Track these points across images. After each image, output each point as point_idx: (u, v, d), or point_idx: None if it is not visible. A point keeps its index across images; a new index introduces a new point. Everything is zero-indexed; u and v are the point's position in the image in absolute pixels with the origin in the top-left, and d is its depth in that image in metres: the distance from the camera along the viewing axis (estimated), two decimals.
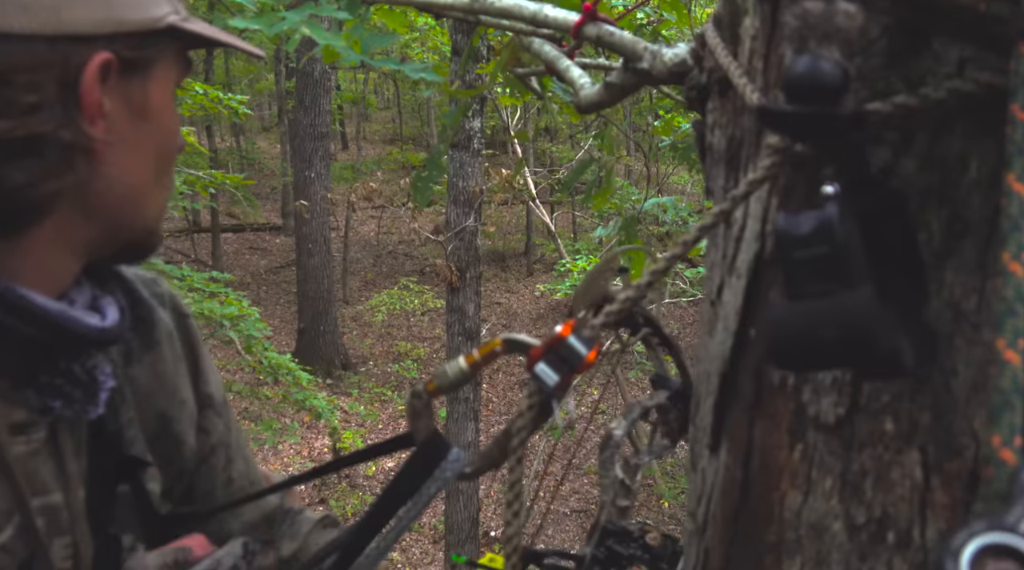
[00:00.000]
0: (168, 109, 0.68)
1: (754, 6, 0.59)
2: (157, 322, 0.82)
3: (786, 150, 0.52)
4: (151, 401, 0.80)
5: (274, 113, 18.52)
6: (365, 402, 9.17)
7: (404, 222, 14.66)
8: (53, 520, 0.66)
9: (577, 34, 0.77)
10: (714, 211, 0.55)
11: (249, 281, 11.99)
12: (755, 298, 0.57)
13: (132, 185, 0.66)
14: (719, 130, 0.66)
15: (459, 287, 6.23)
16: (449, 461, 0.69)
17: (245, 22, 1.45)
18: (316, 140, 9.35)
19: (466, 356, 0.66)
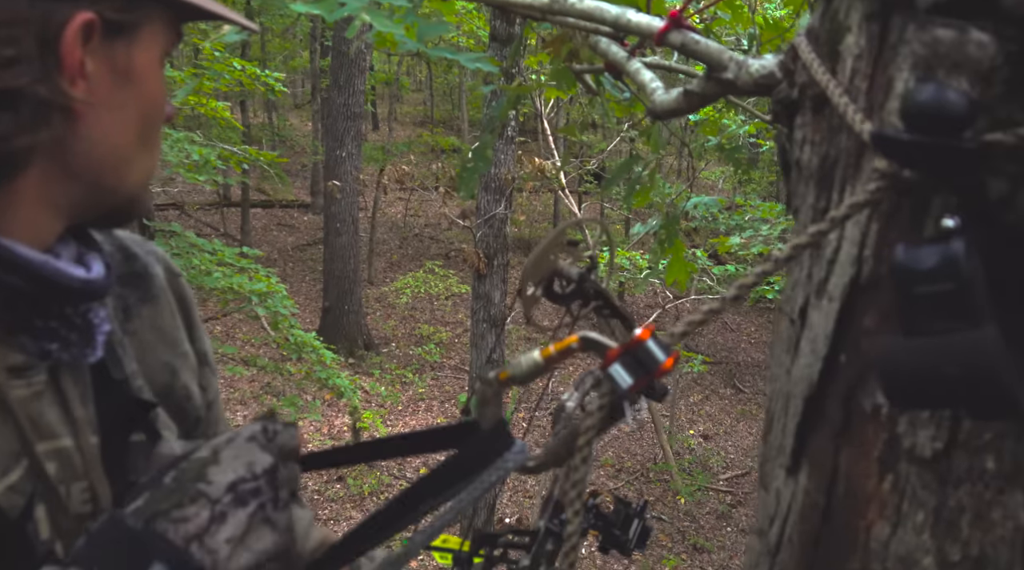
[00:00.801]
0: (153, 75, 0.68)
1: (860, 25, 0.57)
2: (153, 277, 0.82)
3: (894, 175, 0.51)
4: (155, 353, 0.80)
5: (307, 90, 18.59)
6: (386, 383, 9.23)
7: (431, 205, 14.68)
8: (66, 464, 0.66)
9: (661, 41, 0.76)
10: (811, 231, 0.54)
11: (276, 257, 12.08)
12: (848, 323, 0.56)
13: (114, 147, 0.65)
14: (810, 147, 0.64)
15: (486, 274, 6.23)
16: (513, 452, 0.67)
17: (305, 7, 1.45)
18: (349, 120, 9.37)
19: (541, 349, 0.66)
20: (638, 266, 7.99)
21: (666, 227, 2.30)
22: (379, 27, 1.42)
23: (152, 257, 0.84)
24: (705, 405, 9.92)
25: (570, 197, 7.97)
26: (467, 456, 0.67)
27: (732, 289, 0.56)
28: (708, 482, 8.39)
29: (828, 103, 0.61)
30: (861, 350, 0.55)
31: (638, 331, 0.58)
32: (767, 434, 0.69)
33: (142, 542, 0.58)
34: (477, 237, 6.28)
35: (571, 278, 0.84)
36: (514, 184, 6.45)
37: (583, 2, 0.81)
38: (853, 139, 0.57)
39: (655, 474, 8.52)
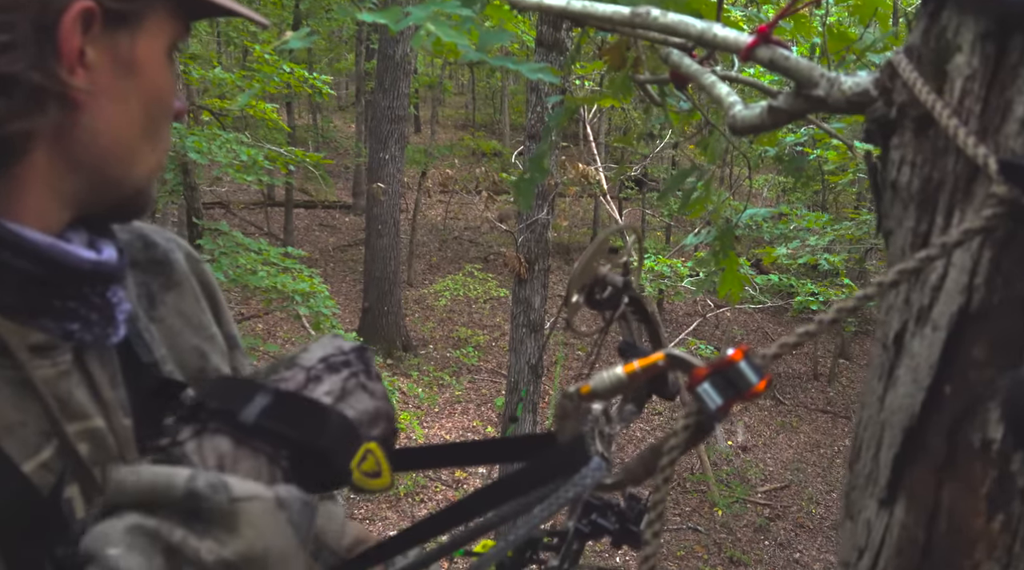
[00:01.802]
0: (158, 67, 0.67)
1: (972, 44, 0.56)
2: (174, 263, 0.83)
3: (1013, 202, 0.49)
4: (183, 338, 0.80)
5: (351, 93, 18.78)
6: (424, 385, 9.27)
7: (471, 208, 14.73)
8: (99, 445, 0.66)
9: (748, 56, 0.74)
10: (919, 256, 0.53)
11: (317, 257, 12.22)
12: (954, 354, 0.54)
13: (117, 138, 0.65)
14: (909, 168, 0.62)
15: (527, 279, 6.22)
16: (591, 468, 0.66)
17: (372, 16, 1.46)
18: (393, 122, 9.44)
19: (624, 365, 0.65)
20: (679, 274, 7.91)
21: (721, 239, 2.26)
22: (444, 37, 1.43)
23: (172, 244, 0.84)
24: (744, 416, 9.79)
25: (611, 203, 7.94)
26: (542, 469, 0.66)
27: (831, 312, 0.55)
28: (746, 494, 8.27)
29: (933, 124, 0.59)
30: (969, 382, 0.53)
31: (730, 351, 0.56)
32: (854, 462, 0.67)
33: (244, 386, 0.61)
34: (519, 242, 6.27)
35: (616, 285, 0.86)
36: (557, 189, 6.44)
37: (666, 16, 0.79)
38: (963, 162, 0.55)
39: (692, 484, 8.43)
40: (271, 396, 0.60)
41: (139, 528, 0.53)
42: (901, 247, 0.63)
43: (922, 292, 0.58)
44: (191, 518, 0.53)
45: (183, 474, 0.54)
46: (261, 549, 0.54)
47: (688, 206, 2.17)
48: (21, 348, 0.61)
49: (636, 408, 0.84)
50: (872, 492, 0.62)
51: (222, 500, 0.54)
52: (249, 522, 0.54)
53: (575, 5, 0.85)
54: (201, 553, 0.52)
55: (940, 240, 0.52)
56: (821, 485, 8.71)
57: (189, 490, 0.54)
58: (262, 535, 0.54)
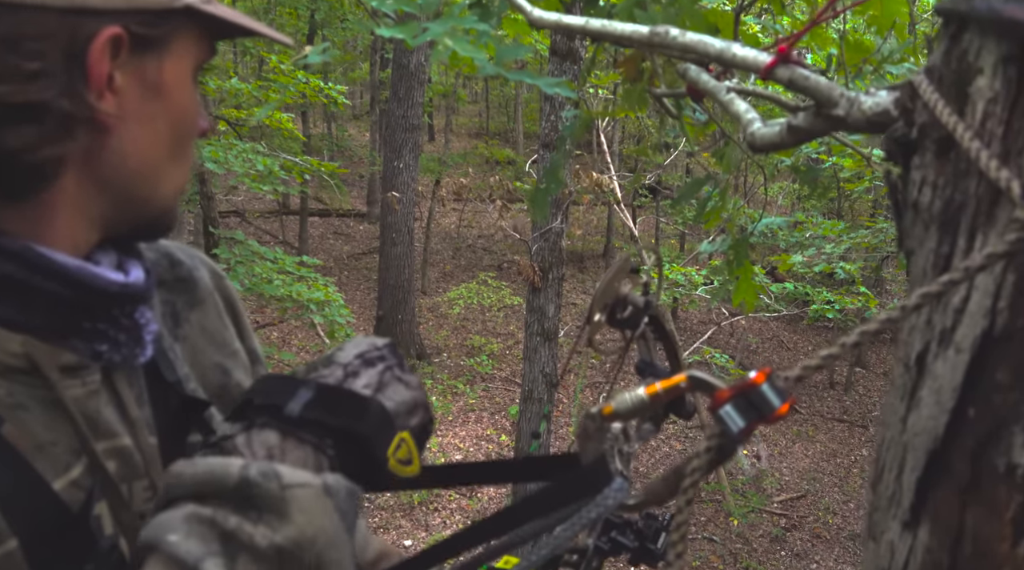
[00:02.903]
0: (184, 89, 0.68)
1: (994, 67, 0.56)
2: (198, 280, 0.84)
3: None
4: (206, 355, 0.82)
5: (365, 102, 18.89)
6: (438, 393, 9.28)
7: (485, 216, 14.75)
8: (126, 463, 0.67)
9: (768, 75, 0.75)
10: (943, 280, 0.53)
11: (331, 265, 12.28)
12: (978, 377, 0.54)
13: (145, 160, 0.66)
14: (930, 189, 0.62)
15: (541, 288, 6.22)
16: (613, 489, 0.67)
17: (389, 32, 1.47)
18: (407, 131, 9.49)
19: (647, 386, 0.65)
20: (693, 282, 7.89)
21: (736, 248, 2.26)
22: (462, 52, 1.44)
23: (196, 261, 0.86)
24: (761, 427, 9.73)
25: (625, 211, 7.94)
26: (565, 489, 0.67)
27: (854, 335, 0.55)
28: (762, 504, 8.22)
29: (955, 146, 0.59)
30: (993, 406, 0.53)
31: (752, 374, 0.56)
32: (876, 482, 0.67)
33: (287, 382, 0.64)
34: (533, 250, 6.27)
35: (638, 305, 0.87)
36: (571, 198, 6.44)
37: (686, 35, 0.80)
38: (986, 185, 0.55)
39: (707, 494, 8.38)
40: (313, 390, 0.63)
41: (196, 516, 0.55)
42: (923, 267, 0.63)
43: (944, 314, 0.58)
44: (245, 506, 0.56)
45: (236, 463, 0.58)
46: (311, 534, 0.56)
47: (704, 216, 2.17)
48: (52, 368, 0.62)
49: (654, 426, 0.84)
50: (895, 514, 0.62)
51: (273, 487, 0.56)
52: (300, 508, 0.57)
53: (594, 24, 0.86)
54: (255, 538, 0.55)
55: (963, 264, 0.52)
56: (838, 495, 8.64)
57: (242, 478, 0.56)
58: (312, 521, 0.57)
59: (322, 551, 0.57)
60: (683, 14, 1.46)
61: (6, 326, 0.61)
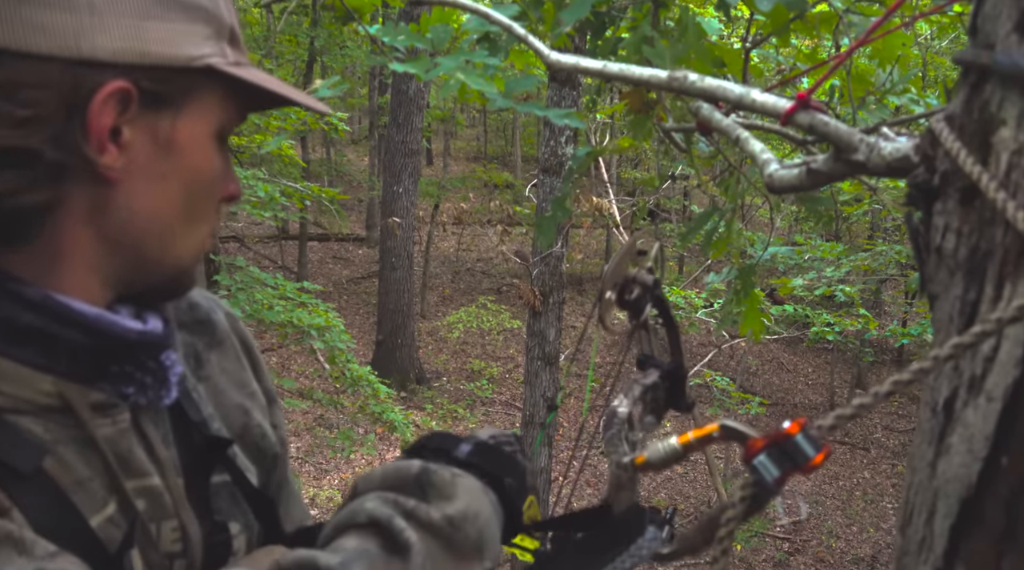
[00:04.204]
0: (201, 149, 0.67)
1: (1018, 119, 0.57)
2: (216, 323, 0.84)
3: None
4: (228, 396, 0.82)
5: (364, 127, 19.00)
6: (438, 418, 9.24)
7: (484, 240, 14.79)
8: (156, 503, 0.67)
9: (788, 121, 0.76)
10: (975, 331, 0.53)
11: (331, 290, 12.28)
12: (1010, 426, 0.54)
13: (155, 219, 0.66)
14: (955, 236, 0.63)
15: (542, 312, 6.22)
16: (647, 538, 0.68)
17: (402, 67, 1.49)
18: (406, 156, 9.54)
19: (679, 436, 0.66)
20: (693, 305, 7.89)
21: (742, 277, 2.27)
22: (473, 86, 1.46)
23: (212, 303, 0.86)
24: None
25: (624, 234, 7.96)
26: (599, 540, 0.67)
27: (886, 385, 0.55)
28: (764, 528, 8.16)
29: (979, 195, 0.60)
30: None
31: (787, 424, 0.57)
32: (906, 526, 0.67)
33: (450, 436, 0.76)
34: (533, 275, 6.29)
35: (645, 284, 0.90)
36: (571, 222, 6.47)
37: (704, 80, 0.81)
38: (1012, 235, 0.56)
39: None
40: (473, 444, 0.75)
41: (382, 497, 0.67)
42: (948, 313, 0.64)
43: (974, 361, 0.58)
44: (421, 493, 0.68)
45: (417, 462, 0.70)
46: (476, 508, 0.68)
47: (711, 246, 2.18)
48: (83, 407, 0.63)
49: (655, 419, 0.86)
50: (927, 559, 0.62)
51: (446, 475, 0.69)
52: (465, 489, 0.69)
53: (612, 68, 0.87)
54: (431, 513, 0.66)
55: (995, 315, 0.52)
56: (840, 518, 8.58)
57: (422, 468, 0.69)
58: (475, 499, 0.69)
59: (483, 527, 0.68)
60: (690, 49, 1.48)
61: (35, 368, 0.61)
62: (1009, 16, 0.58)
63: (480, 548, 0.68)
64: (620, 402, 0.80)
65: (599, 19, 1.86)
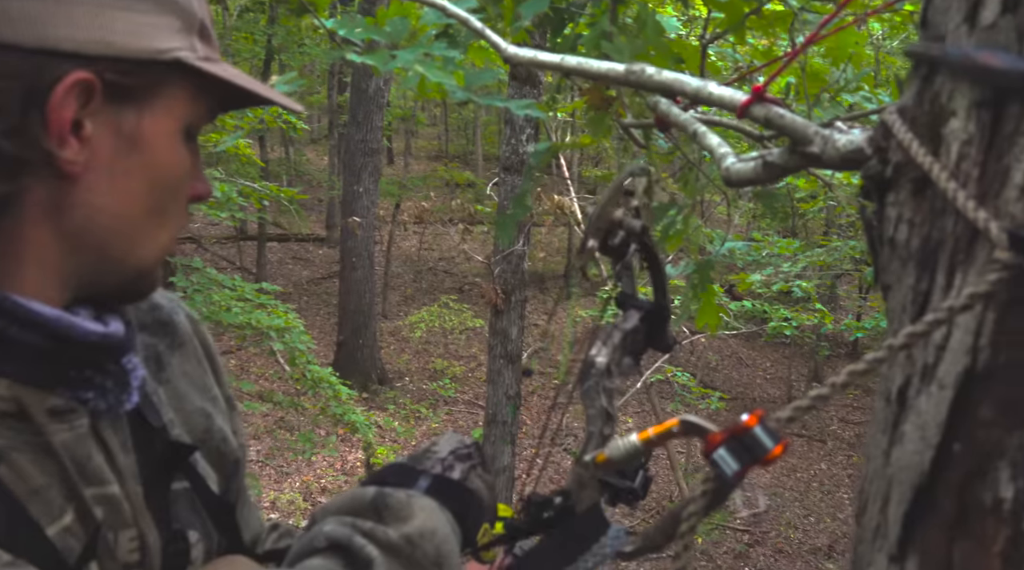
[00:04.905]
0: (167, 146, 0.65)
1: (968, 110, 0.57)
2: (178, 324, 0.82)
3: (1016, 267, 0.50)
4: (189, 399, 0.80)
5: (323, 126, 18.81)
6: (400, 418, 9.19)
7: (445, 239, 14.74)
8: (115, 512, 0.65)
9: (744, 114, 0.76)
10: (927, 320, 0.54)
11: (291, 291, 12.12)
12: (962, 413, 0.55)
13: (118, 216, 0.63)
14: (907, 227, 0.64)
15: (504, 310, 6.22)
16: (609, 537, 0.69)
17: (359, 58, 1.47)
18: (366, 155, 9.45)
19: (639, 432, 0.65)
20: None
21: (700, 272, 2.29)
22: (433, 78, 1.44)
23: (174, 304, 0.84)
24: None
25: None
26: (563, 540, 0.67)
27: (842, 376, 0.55)
28: (725, 521, 8.27)
29: (931, 185, 0.60)
30: (978, 441, 0.54)
31: (745, 417, 0.57)
32: (861, 515, 0.68)
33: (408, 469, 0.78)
34: (495, 273, 6.28)
35: (633, 230, 0.84)
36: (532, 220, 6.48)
37: (662, 74, 0.81)
38: (963, 225, 0.57)
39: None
40: (431, 479, 0.77)
41: (340, 520, 0.71)
42: (901, 303, 0.65)
43: (926, 350, 0.59)
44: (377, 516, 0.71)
45: (372, 488, 0.74)
46: (431, 527, 0.71)
47: (668, 239, 2.20)
48: (40, 412, 0.61)
49: (634, 361, 0.83)
50: (881, 547, 0.63)
51: (401, 496, 0.72)
52: (421, 508, 0.72)
53: (570, 62, 0.86)
54: (389, 533, 0.69)
55: (946, 304, 0.53)
56: (798, 509, 8.74)
57: (377, 493, 0.73)
58: (431, 517, 0.72)
59: (440, 543, 0.71)
60: (649, 45, 1.49)
61: None
62: (959, 9, 0.59)
63: (439, 564, 0.70)
64: (598, 350, 0.78)
65: (558, 15, 1.85)
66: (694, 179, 2.08)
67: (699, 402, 8.86)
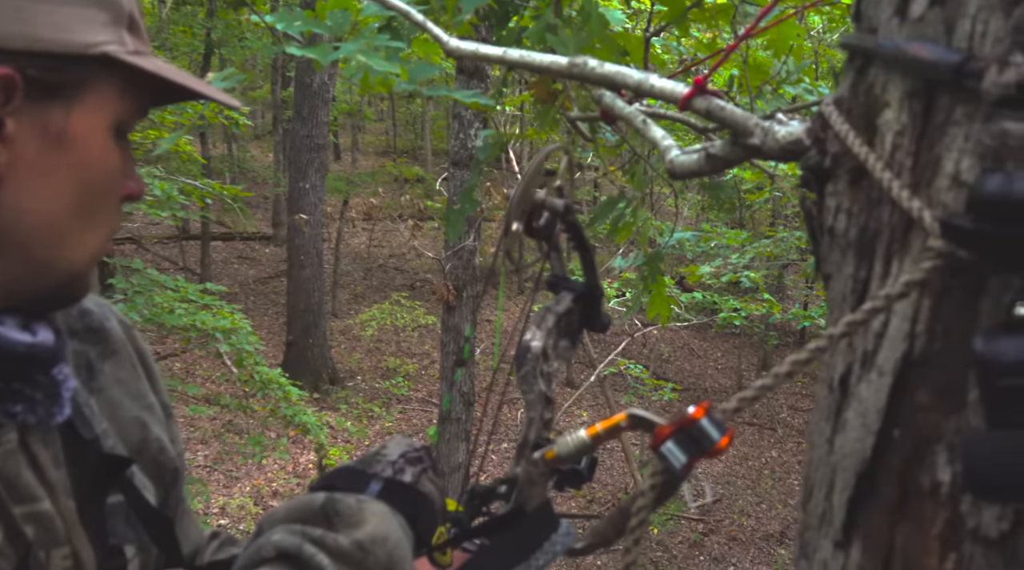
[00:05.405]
0: (98, 144, 0.63)
1: (900, 101, 0.59)
2: (110, 331, 0.80)
3: (950, 254, 0.52)
4: (124, 408, 0.78)
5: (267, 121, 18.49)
6: (353, 418, 9.10)
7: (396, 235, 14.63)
8: (47, 530, 0.63)
9: (685, 106, 0.77)
10: (866, 308, 0.55)
11: (237, 291, 11.91)
12: (900, 399, 0.56)
13: (44, 218, 0.61)
14: (846, 216, 0.65)
15: (456, 306, 6.20)
16: (559, 534, 0.69)
17: (300, 51, 1.45)
18: (312, 151, 9.33)
19: (587, 427, 0.65)
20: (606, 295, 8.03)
21: (649, 263, 2.32)
22: (377, 69, 1.42)
23: (106, 309, 0.81)
24: None
25: None
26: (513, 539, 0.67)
27: (785, 365, 0.56)
28: (680, 511, 8.40)
29: (866, 175, 0.62)
30: (917, 426, 0.55)
31: (691, 409, 0.57)
32: (806, 502, 0.69)
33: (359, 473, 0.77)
34: (446, 269, 6.26)
35: (557, 210, 0.84)
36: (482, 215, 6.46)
37: (604, 67, 0.81)
38: (898, 214, 0.58)
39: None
40: (382, 483, 0.76)
41: (288, 529, 0.68)
42: (841, 292, 0.66)
43: (866, 337, 0.60)
44: (327, 522, 0.69)
45: (321, 494, 0.71)
46: (383, 533, 0.69)
47: (617, 232, 2.22)
48: None
49: (570, 343, 0.83)
50: (827, 533, 0.64)
51: (352, 502, 0.71)
52: (373, 513, 0.70)
53: (512, 54, 0.86)
54: (339, 540, 0.67)
55: (883, 292, 0.54)
56: (751, 497, 8.92)
57: (327, 499, 0.70)
58: (383, 522, 0.70)
59: (393, 549, 0.69)
60: (594, 38, 1.49)
61: None
62: (890, 2, 0.60)
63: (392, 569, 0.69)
64: (533, 335, 0.77)
65: (503, 8, 1.85)
66: (641, 171, 2.10)
67: (652, 394, 8.98)
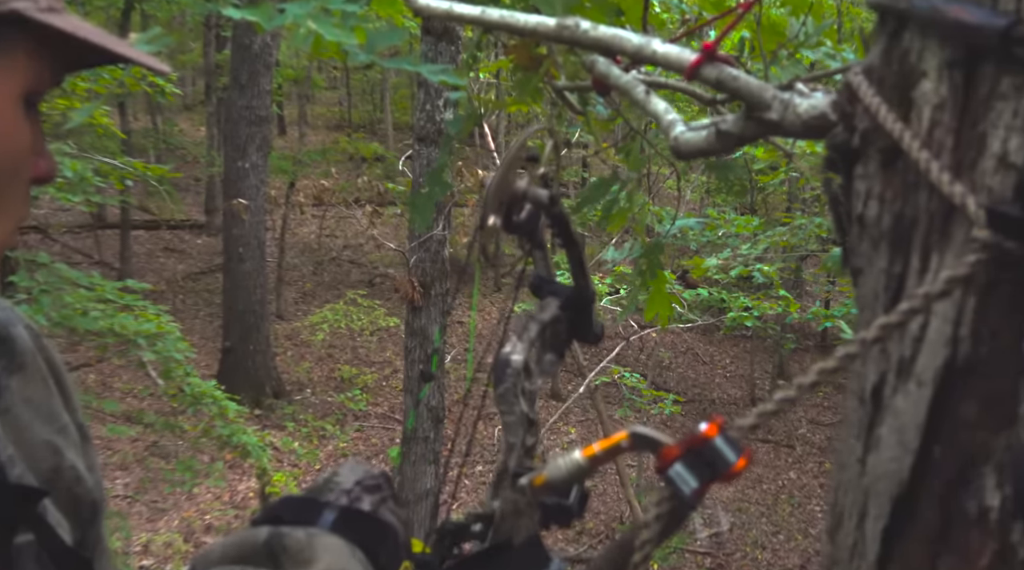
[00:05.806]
0: (5, 116, 0.64)
1: (939, 71, 0.59)
2: (17, 339, 0.79)
3: (997, 246, 0.53)
4: (33, 431, 0.77)
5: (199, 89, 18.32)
6: (301, 438, 9.06)
7: (351, 223, 14.59)
8: None
9: (693, 75, 0.77)
10: (902, 309, 0.56)
11: (163, 289, 11.82)
12: (943, 413, 0.57)
13: None
14: (878, 203, 0.66)
15: (422, 306, 6.18)
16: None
17: (239, 12, 1.44)
18: (253, 125, 9.27)
19: (584, 448, 0.65)
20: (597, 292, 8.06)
21: (648, 256, 2.32)
22: (329, 37, 1.42)
23: (10, 314, 0.80)
24: None
25: None
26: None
27: (810, 375, 0.57)
28: (684, 543, 8.45)
29: (901, 155, 0.63)
30: (961, 444, 0.56)
31: (703, 426, 0.58)
32: (834, 531, 0.70)
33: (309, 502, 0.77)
34: (411, 263, 6.24)
35: (541, 202, 0.84)
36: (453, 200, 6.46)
37: (597, 29, 0.82)
38: (938, 200, 0.59)
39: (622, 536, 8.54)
40: (337, 511, 0.76)
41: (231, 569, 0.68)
42: (874, 288, 0.67)
43: (902, 343, 0.61)
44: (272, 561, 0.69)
45: (264, 529, 0.71)
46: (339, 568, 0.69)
47: (609, 219, 2.22)
48: None
49: (556, 357, 0.83)
50: (859, 567, 0.65)
51: (300, 536, 0.70)
52: (325, 548, 0.70)
53: (492, 15, 0.86)
54: None
55: (922, 290, 0.55)
56: (766, 526, 9.00)
57: (271, 534, 0.70)
58: (337, 559, 0.70)
59: None
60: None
61: None
62: None
63: None
64: (513, 347, 0.77)
65: None
66: (638, 150, 2.10)
67: (651, 407, 9.02)
